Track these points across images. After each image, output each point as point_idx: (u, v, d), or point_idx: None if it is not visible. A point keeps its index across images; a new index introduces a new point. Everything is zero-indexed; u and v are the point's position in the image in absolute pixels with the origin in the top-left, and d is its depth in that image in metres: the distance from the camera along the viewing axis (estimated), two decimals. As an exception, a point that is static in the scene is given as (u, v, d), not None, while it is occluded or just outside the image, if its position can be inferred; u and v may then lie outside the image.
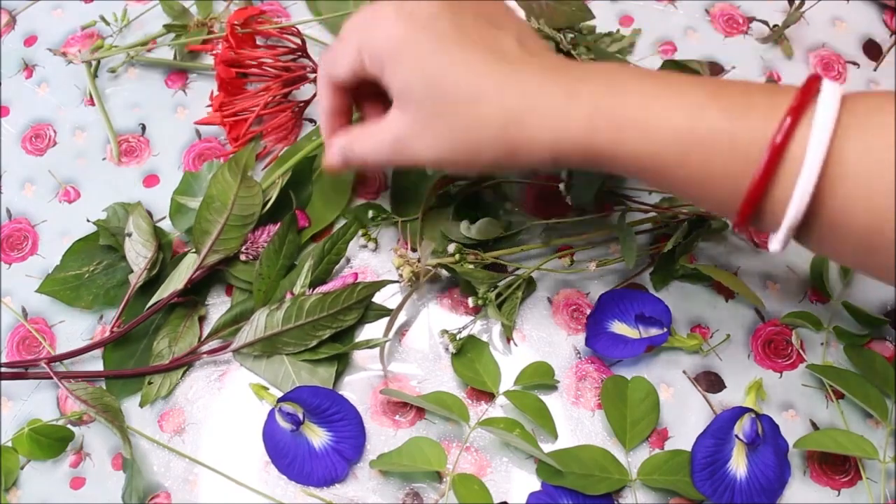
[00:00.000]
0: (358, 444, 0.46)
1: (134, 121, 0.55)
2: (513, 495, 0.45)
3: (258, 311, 0.46)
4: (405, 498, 0.45)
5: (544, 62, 0.38)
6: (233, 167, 0.48)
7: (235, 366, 0.48)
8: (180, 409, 0.47)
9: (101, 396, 0.46)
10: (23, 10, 0.59)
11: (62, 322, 0.50)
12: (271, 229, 0.48)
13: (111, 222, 0.50)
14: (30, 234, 0.52)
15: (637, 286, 0.49)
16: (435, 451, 0.45)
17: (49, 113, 0.56)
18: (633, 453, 0.46)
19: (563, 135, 0.36)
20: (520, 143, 0.37)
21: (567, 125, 0.36)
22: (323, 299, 0.45)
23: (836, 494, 0.45)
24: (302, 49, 0.53)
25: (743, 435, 0.44)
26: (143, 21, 0.58)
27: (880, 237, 0.33)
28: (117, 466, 0.46)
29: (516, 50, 0.38)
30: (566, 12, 0.52)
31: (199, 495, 0.46)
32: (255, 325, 0.46)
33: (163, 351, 0.48)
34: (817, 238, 0.35)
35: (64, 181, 0.54)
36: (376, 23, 0.39)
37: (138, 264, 0.48)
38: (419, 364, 0.48)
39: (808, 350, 0.48)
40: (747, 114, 0.34)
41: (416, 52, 0.38)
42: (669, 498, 0.45)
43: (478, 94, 0.37)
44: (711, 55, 0.56)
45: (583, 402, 0.47)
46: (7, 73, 0.57)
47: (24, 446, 0.45)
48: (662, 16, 0.57)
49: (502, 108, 0.37)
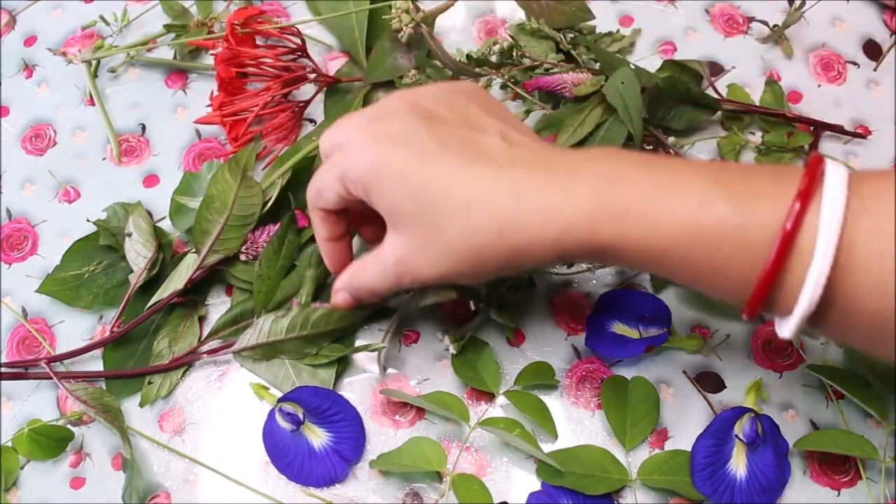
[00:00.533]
0: (357, 445, 0.46)
1: (134, 121, 0.55)
2: (513, 495, 0.45)
3: (263, 316, 0.46)
4: (405, 498, 0.45)
5: (534, 158, 0.37)
6: (233, 167, 0.48)
7: (235, 366, 0.48)
8: (180, 409, 0.47)
9: (100, 396, 0.46)
10: (23, 10, 0.59)
11: (62, 322, 0.50)
12: (271, 229, 0.48)
13: (111, 222, 0.50)
14: (30, 234, 0.52)
15: (637, 286, 0.49)
16: (435, 451, 0.45)
17: (49, 113, 0.56)
18: (633, 453, 0.46)
19: (564, 234, 0.35)
20: (521, 247, 0.36)
21: (567, 223, 0.35)
22: (329, 314, 0.46)
23: (836, 494, 0.45)
24: (302, 49, 0.53)
25: (743, 435, 0.44)
26: (143, 21, 0.58)
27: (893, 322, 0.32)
28: (117, 466, 0.46)
29: (502, 149, 0.37)
30: (566, 12, 0.52)
31: (199, 495, 0.46)
32: (259, 329, 0.46)
33: (163, 351, 0.48)
34: (829, 323, 0.34)
35: (64, 181, 0.54)
36: (351, 148, 0.38)
37: (138, 264, 0.48)
38: (419, 364, 0.48)
39: (808, 350, 0.48)
40: (754, 202, 0.33)
41: (397, 172, 0.37)
42: (669, 498, 0.45)
43: (469, 202, 0.36)
44: (711, 55, 0.56)
45: (583, 402, 0.47)
46: (7, 73, 0.57)
47: (24, 446, 0.45)
48: (662, 16, 0.57)
49: (496, 214, 0.36)
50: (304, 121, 0.55)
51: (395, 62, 0.52)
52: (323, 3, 0.56)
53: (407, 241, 0.38)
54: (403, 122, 0.38)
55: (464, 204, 0.36)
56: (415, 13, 0.50)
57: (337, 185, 0.39)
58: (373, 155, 0.37)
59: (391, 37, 0.52)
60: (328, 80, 0.54)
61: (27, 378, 0.47)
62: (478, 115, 0.39)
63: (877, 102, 0.55)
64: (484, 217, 0.36)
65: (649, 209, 0.34)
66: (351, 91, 0.55)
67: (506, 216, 0.36)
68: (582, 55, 0.52)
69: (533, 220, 0.35)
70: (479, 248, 0.36)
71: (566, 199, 0.35)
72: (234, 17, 0.51)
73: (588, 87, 0.48)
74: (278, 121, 0.52)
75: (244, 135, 0.52)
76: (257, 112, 0.51)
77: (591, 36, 0.55)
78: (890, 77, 0.55)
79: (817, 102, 0.55)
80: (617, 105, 0.47)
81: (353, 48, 0.55)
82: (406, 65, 0.52)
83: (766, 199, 0.33)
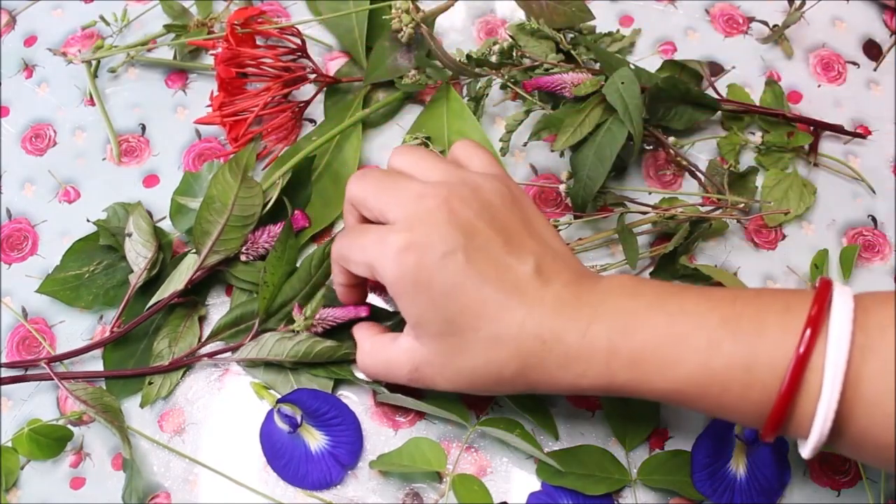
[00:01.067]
0: (354, 450, 0.46)
1: (134, 121, 0.55)
2: (513, 495, 0.45)
3: (269, 335, 0.46)
4: (405, 498, 0.45)
5: (560, 299, 0.38)
6: (233, 167, 0.48)
7: (235, 366, 0.48)
8: (180, 409, 0.47)
9: (100, 396, 0.46)
10: (23, 10, 0.59)
11: (62, 322, 0.50)
12: (271, 230, 0.48)
13: (111, 222, 0.50)
14: (30, 234, 0.52)
15: (637, 286, 0.49)
16: (435, 452, 0.45)
17: (49, 113, 0.56)
18: (633, 453, 0.46)
19: (581, 378, 0.37)
20: (538, 383, 0.38)
21: (586, 369, 0.37)
22: (336, 348, 0.46)
23: (836, 494, 0.45)
24: (302, 49, 0.53)
25: (743, 435, 0.44)
26: (143, 21, 0.58)
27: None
28: (117, 466, 0.46)
29: (532, 282, 0.38)
30: (566, 12, 0.52)
31: (199, 495, 0.46)
32: (262, 344, 0.46)
33: (163, 351, 0.48)
34: (844, 449, 0.35)
35: (64, 181, 0.54)
36: (386, 252, 0.38)
37: (138, 264, 0.48)
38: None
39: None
40: (762, 342, 0.34)
41: (429, 291, 0.38)
42: (669, 498, 0.45)
43: (497, 338, 0.38)
44: (711, 55, 0.56)
45: (583, 402, 0.47)
46: (7, 73, 0.57)
47: (24, 446, 0.45)
48: (662, 16, 0.57)
49: (521, 354, 0.38)
50: (305, 121, 0.55)
51: (395, 62, 0.52)
52: (323, 3, 0.56)
53: (427, 353, 0.39)
54: (444, 238, 0.38)
55: (492, 338, 0.38)
56: (415, 13, 0.50)
57: (364, 269, 0.40)
58: (407, 267, 0.38)
59: (391, 37, 0.52)
60: (328, 81, 0.54)
61: (27, 380, 0.47)
62: (517, 231, 0.40)
63: (877, 102, 0.55)
64: (509, 354, 0.38)
65: (660, 356, 0.36)
66: (351, 91, 0.55)
67: (530, 358, 0.38)
68: (582, 55, 0.52)
69: (554, 363, 0.37)
70: (498, 378, 0.39)
71: (585, 345, 0.37)
72: (234, 17, 0.51)
73: (588, 87, 0.48)
74: (278, 121, 0.52)
75: (244, 135, 0.52)
76: (257, 112, 0.51)
77: (591, 36, 0.55)
78: (890, 77, 0.55)
79: (817, 102, 0.55)
80: (617, 105, 0.47)
81: (353, 48, 0.55)
82: (406, 65, 0.52)
83: (774, 338, 0.34)
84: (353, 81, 0.55)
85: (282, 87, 0.52)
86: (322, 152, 0.52)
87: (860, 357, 0.33)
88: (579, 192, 0.48)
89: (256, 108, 0.51)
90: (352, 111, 0.53)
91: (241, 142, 0.52)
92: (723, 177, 0.50)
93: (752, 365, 0.34)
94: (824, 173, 0.53)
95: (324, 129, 0.53)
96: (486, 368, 0.38)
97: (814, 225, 0.51)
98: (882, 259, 0.51)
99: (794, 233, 0.51)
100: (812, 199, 0.51)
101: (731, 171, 0.50)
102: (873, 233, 0.51)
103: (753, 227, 0.51)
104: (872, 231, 0.51)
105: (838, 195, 0.52)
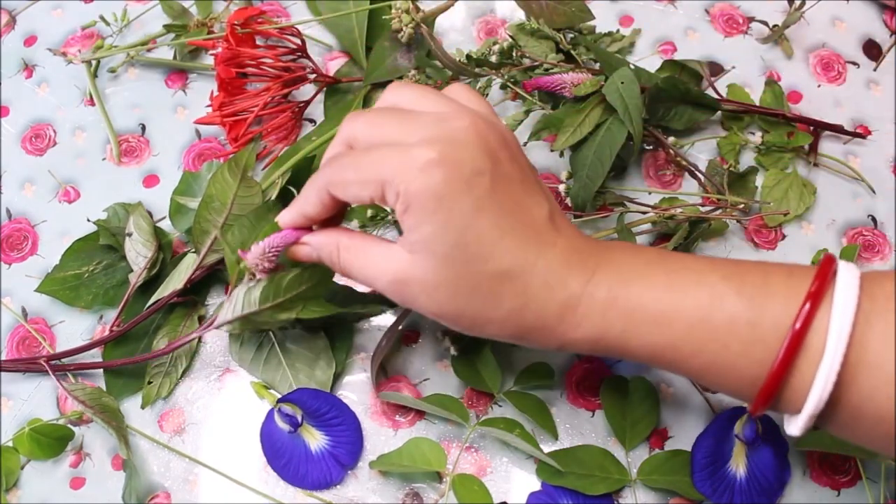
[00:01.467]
0: (354, 451, 0.46)
1: (134, 121, 0.55)
2: (513, 495, 0.45)
3: (237, 289, 0.43)
4: (405, 498, 0.45)
5: (570, 243, 0.37)
6: (232, 167, 0.48)
7: (235, 366, 0.48)
8: (180, 409, 0.47)
9: (99, 396, 0.46)
10: (23, 10, 0.59)
11: (62, 322, 0.50)
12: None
13: (111, 222, 0.50)
14: (30, 234, 0.52)
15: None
16: (435, 452, 0.45)
17: (49, 113, 0.56)
18: (633, 453, 0.46)
19: (575, 329, 0.36)
20: (531, 328, 0.37)
21: (581, 318, 0.36)
22: (300, 276, 0.42)
23: (836, 494, 0.45)
24: (302, 49, 0.53)
25: (743, 435, 0.44)
26: (143, 21, 0.58)
27: None
28: (117, 466, 0.46)
29: (546, 225, 0.37)
30: (566, 12, 0.52)
31: (199, 495, 0.46)
32: (233, 302, 0.44)
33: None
34: (837, 423, 0.34)
35: (64, 181, 0.54)
36: (409, 164, 0.35)
37: (138, 264, 0.48)
38: (419, 365, 0.48)
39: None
40: (766, 300, 0.34)
41: (451, 210, 0.35)
42: (669, 498, 0.45)
43: (504, 273, 0.35)
44: (711, 55, 0.56)
45: (583, 402, 0.47)
46: (7, 73, 0.57)
47: (25, 446, 0.45)
48: (662, 16, 0.57)
49: (523, 292, 0.36)
50: (304, 121, 0.55)
51: (395, 62, 0.52)
52: (323, 3, 0.56)
53: (420, 270, 0.36)
54: (474, 158, 0.35)
55: (499, 272, 0.35)
56: (415, 13, 0.50)
57: (374, 187, 0.36)
58: (433, 181, 0.34)
59: (391, 37, 0.52)
60: (328, 81, 0.54)
61: (25, 371, 0.47)
62: (529, 175, 0.38)
63: (877, 102, 0.55)
64: (512, 292, 0.36)
65: (659, 308, 0.35)
66: (351, 91, 0.55)
67: (531, 301, 0.36)
68: (582, 55, 0.52)
69: (552, 310, 0.36)
70: (491, 314, 0.36)
71: (586, 294, 0.36)
72: (234, 18, 0.51)
73: (588, 87, 0.48)
74: (278, 121, 0.52)
75: (244, 135, 0.52)
76: (257, 112, 0.51)
77: (591, 36, 0.55)
78: (890, 77, 0.55)
79: (817, 102, 0.55)
80: (617, 105, 0.47)
81: (353, 48, 0.55)
82: (406, 65, 0.52)
83: (778, 297, 0.33)
84: (353, 81, 0.55)
85: (282, 87, 0.52)
86: (322, 152, 0.52)
87: (865, 322, 0.32)
88: (579, 192, 0.48)
89: (256, 108, 0.51)
90: (352, 111, 0.53)
91: (241, 142, 0.52)
92: (723, 177, 0.50)
93: (756, 321, 0.33)
94: (824, 173, 0.53)
95: (324, 129, 0.53)
96: (482, 301, 0.36)
97: (814, 225, 0.51)
98: (882, 259, 0.51)
99: (793, 233, 0.51)
100: (812, 199, 0.51)
101: (731, 171, 0.50)
102: (873, 233, 0.51)
103: (753, 227, 0.51)
104: (872, 231, 0.51)
105: (838, 195, 0.52)
